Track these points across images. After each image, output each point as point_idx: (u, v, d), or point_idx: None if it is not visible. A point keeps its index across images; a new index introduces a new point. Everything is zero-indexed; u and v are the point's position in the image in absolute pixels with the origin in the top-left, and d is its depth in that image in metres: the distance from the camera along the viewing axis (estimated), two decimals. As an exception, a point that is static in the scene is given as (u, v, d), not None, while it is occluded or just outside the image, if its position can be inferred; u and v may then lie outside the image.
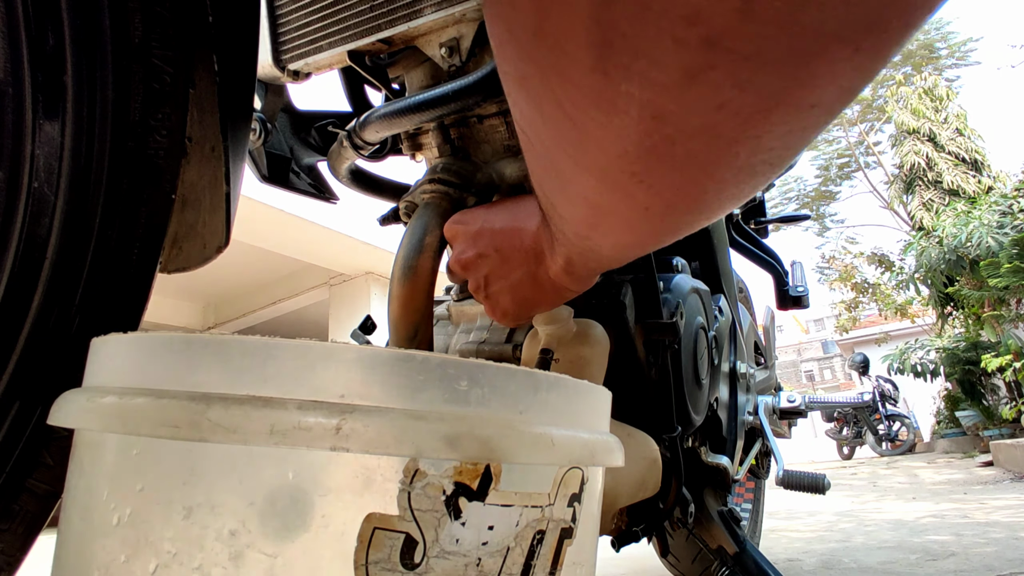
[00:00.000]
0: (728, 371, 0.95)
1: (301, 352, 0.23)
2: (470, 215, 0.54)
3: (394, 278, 0.56)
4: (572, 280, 0.45)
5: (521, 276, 0.48)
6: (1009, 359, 5.32)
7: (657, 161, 0.23)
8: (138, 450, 0.24)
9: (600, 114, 0.21)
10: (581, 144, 0.24)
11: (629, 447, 0.62)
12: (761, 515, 1.53)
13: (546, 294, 0.48)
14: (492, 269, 0.50)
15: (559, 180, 0.29)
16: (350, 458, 0.23)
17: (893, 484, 3.74)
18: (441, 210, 0.59)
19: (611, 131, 0.22)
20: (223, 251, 0.46)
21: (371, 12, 0.61)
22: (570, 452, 0.27)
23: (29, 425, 0.37)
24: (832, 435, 8.30)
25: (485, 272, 0.51)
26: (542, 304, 0.50)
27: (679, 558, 1.00)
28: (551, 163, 0.28)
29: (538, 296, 0.48)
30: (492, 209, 0.53)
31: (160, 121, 0.40)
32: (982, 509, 2.24)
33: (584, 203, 0.29)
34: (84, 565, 0.24)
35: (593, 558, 0.31)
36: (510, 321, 0.53)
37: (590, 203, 0.28)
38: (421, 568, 0.23)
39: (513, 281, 0.49)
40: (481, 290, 0.52)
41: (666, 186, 0.24)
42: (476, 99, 0.56)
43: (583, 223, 0.32)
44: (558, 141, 0.25)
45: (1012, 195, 6.11)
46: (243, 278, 5.43)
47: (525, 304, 0.50)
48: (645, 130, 0.21)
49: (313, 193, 0.85)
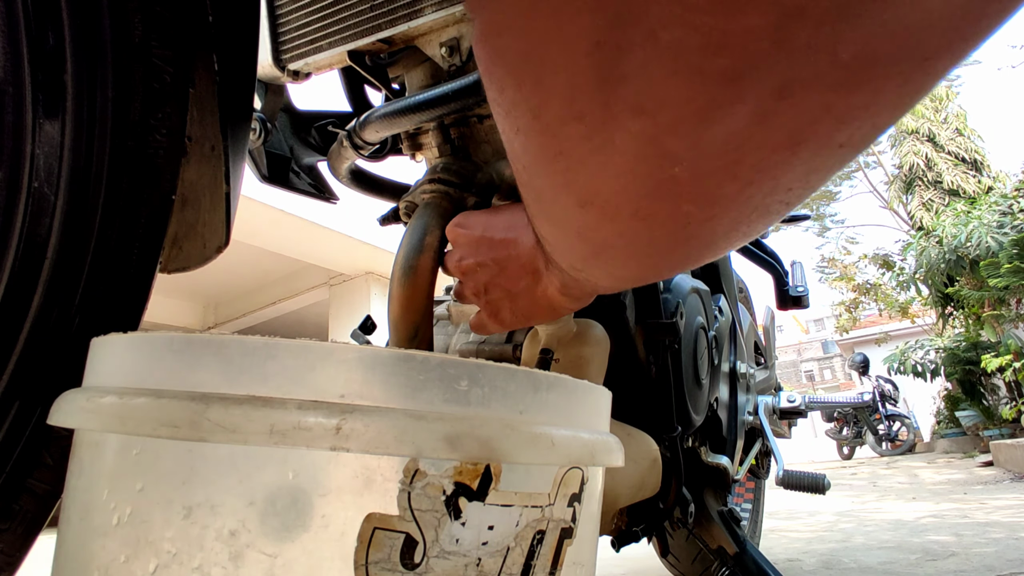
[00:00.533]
0: (728, 371, 0.95)
1: (301, 352, 0.23)
2: (472, 219, 0.53)
3: (394, 278, 0.56)
4: (569, 300, 0.44)
5: (519, 290, 0.47)
6: (1009, 359, 5.32)
7: (661, 200, 0.20)
8: (138, 450, 0.24)
9: (597, 148, 0.19)
10: (575, 178, 0.21)
11: (629, 447, 0.62)
12: (761, 515, 1.53)
13: (542, 309, 0.47)
14: (491, 279, 0.49)
15: (551, 213, 0.27)
16: (350, 458, 0.23)
17: (893, 484, 3.74)
18: (441, 210, 0.59)
19: (610, 167, 0.20)
20: (223, 251, 0.46)
21: (371, 12, 0.61)
22: (570, 452, 0.27)
23: (29, 425, 0.36)
24: (832, 435, 8.30)
25: (484, 280, 0.50)
26: (539, 317, 0.49)
27: (679, 558, 1.00)
28: (542, 195, 0.25)
29: (535, 310, 0.48)
30: (494, 216, 0.52)
31: (160, 121, 0.40)
32: (982, 509, 2.24)
33: (578, 238, 0.26)
34: (84, 565, 0.24)
35: (593, 558, 0.31)
36: (507, 328, 0.53)
37: (585, 238, 0.26)
38: (421, 568, 0.23)
39: (512, 293, 0.48)
40: (480, 296, 0.51)
41: (670, 225, 0.22)
42: (476, 99, 0.56)
43: (577, 257, 0.29)
44: (549, 173, 0.23)
45: (1012, 195, 6.11)
46: (243, 278, 5.43)
47: (522, 315, 0.49)
48: (648, 170, 0.19)
49: (313, 193, 0.85)
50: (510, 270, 0.47)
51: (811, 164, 0.18)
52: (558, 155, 0.21)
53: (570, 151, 0.20)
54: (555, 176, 0.23)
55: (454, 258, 0.53)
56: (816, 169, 0.18)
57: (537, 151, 0.22)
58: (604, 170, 0.20)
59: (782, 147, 0.17)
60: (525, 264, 0.45)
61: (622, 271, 0.28)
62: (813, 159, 0.18)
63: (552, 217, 0.27)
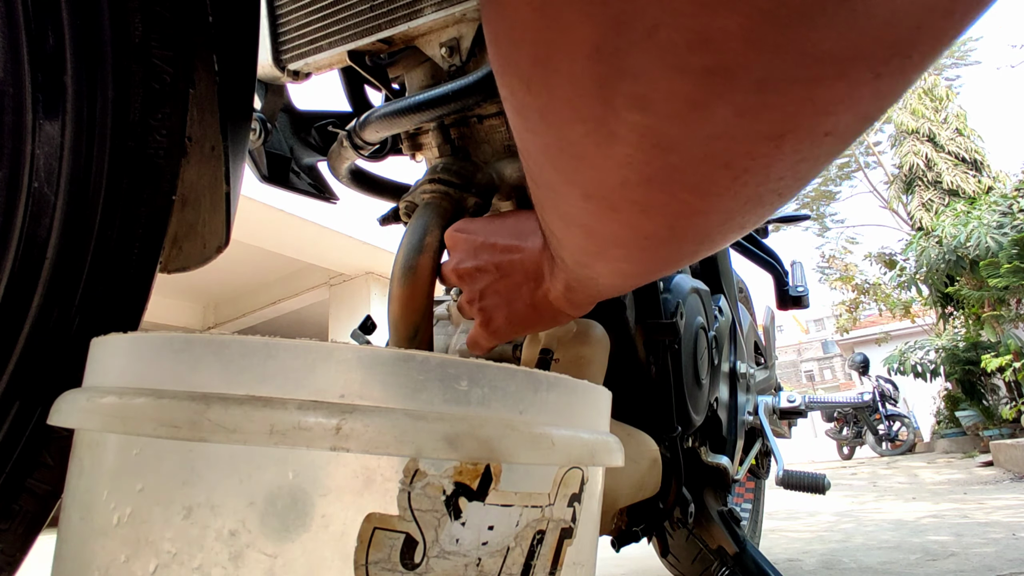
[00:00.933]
0: (728, 371, 0.95)
1: (301, 352, 0.23)
2: (473, 225, 0.53)
3: (394, 278, 0.56)
4: (570, 306, 0.44)
5: (518, 296, 0.47)
6: (1009, 359, 5.32)
7: (659, 190, 0.22)
8: (138, 450, 0.24)
9: (600, 142, 0.20)
10: (581, 171, 0.23)
11: (629, 447, 0.62)
12: (761, 515, 1.53)
13: (541, 316, 0.47)
14: (489, 284, 0.48)
15: (559, 207, 0.28)
16: (350, 458, 0.23)
17: (893, 484, 3.74)
18: (441, 210, 0.59)
19: (612, 160, 0.21)
20: (223, 251, 0.46)
21: (371, 12, 0.61)
22: (570, 452, 0.27)
23: (29, 425, 0.37)
24: (832, 435, 8.30)
25: (481, 286, 0.49)
26: (536, 326, 0.49)
27: (679, 558, 1.00)
28: (550, 189, 0.27)
29: (533, 318, 0.47)
30: (496, 222, 0.51)
31: (160, 121, 0.40)
32: (982, 509, 2.24)
33: (584, 231, 0.28)
34: (84, 565, 0.24)
35: (593, 558, 0.31)
36: (499, 338, 0.51)
37: (590, 231, 0.27)
38: (421, 568, 0.23)
39: (509, 299, 0.47)
40: (475, 303, 0.50)
41: (669, 215, 0.23)
42: (476, 99, 0.56)
43: (583, 251, 0.31)
44: (557, 167, 0.24)
45: (1012, 195, 6.11)
46: (243, 278, 5.43)
47: (518, 324, 0.49)
48: (647, 159, 0.20)
49: (313, 193, 0.85)
50: (512, 275, 0.47)
51: (799, 154, 0.19)
52: (563, 151, 0.22)
53: (575, 147, 0.22)
54: (562, 171, 0.24)
55: (451, 263, 0.53)
56: (805, 159, 0.20)
57: (545, 148, 0.23)
58: (606, 163, 0.21)
59: (768, 137, 0.18)
60: (530, 269, 0.45)
61: (625, 265, 0.29)
62: (800, 149, 0.19)
63: (559, 210, 0.28)
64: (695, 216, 0.23)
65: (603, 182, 0.22)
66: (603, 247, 0.28)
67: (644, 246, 0.26)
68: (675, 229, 0.24)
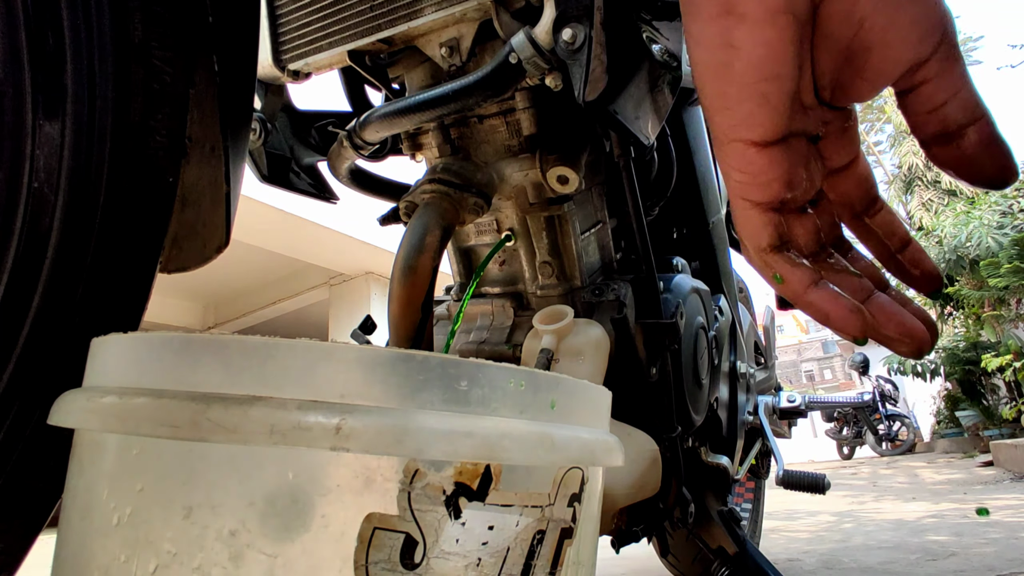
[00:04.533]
0: (728, 371, 0.95)
1: (301, 352, 0.23)
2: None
3: (394, 278, 0.56)
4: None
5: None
6: (1009, 359, 5.33)
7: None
8: (138, 450, 0.24)
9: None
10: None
11: (629, 447, 0.62)
12: (761, 515, 1.53)
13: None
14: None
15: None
16: (350, 458, 0.23)
17: (893, 484, 3.75)
18: (441, 210, 0.59)
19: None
20: (223, 251, 0.46)
21: (371, 12, 0.61)
22: (570, 452, 0.27)
23: (29, 425, 0.37)
24: (832, 435, 8.31)
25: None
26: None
27: (679, 558, 1.00)
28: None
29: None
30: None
31: (160, 121, 0.40)
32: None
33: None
34: (84, 565, 0.24)
35: (593, 558, 0.31)
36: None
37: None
38: (421, 568, 0.23)
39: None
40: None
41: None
42: (476, 99, 0.56)
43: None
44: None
45: (1012, 195, 6.11)
46: (243, 278, 5.43)
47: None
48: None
49: (313, 193, 0.85)
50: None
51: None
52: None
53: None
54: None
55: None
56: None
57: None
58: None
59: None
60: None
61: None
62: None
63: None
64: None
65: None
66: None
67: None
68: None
